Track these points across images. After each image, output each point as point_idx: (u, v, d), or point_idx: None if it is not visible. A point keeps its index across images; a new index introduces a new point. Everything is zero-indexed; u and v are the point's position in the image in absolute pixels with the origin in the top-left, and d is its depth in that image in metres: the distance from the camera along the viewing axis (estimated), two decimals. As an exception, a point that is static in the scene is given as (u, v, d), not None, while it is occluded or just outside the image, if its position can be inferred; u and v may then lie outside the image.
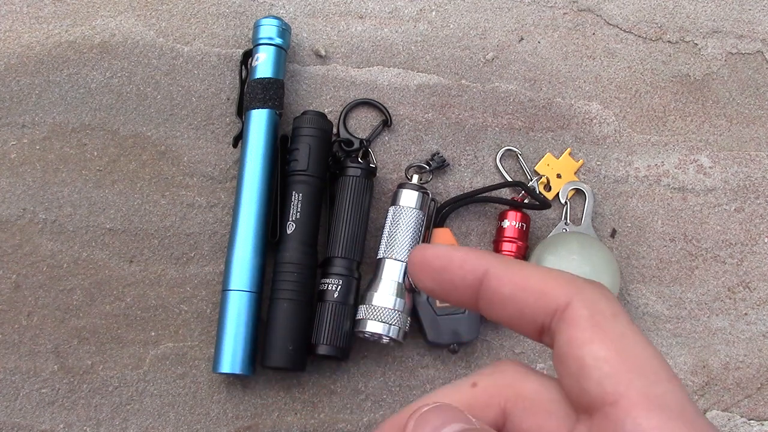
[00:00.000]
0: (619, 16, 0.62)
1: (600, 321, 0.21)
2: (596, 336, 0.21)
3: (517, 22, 0.62)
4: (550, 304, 0.22)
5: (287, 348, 0.53)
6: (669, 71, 0.62)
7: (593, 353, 0.21)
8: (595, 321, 0.21)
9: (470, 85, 0.61)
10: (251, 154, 0.56)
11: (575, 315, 0.22)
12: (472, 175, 0.59)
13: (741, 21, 0.63)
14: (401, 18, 0.61)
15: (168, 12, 0.60)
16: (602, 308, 0.22)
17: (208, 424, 0.55)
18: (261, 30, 0.57)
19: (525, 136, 0.60)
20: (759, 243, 0.60)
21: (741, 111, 0.62)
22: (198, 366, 0.56)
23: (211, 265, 0.57)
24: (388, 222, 0.55)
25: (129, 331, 0.56)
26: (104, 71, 0.59)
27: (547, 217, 0.59)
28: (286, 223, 0.55)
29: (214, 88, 0.59)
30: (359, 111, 0.60)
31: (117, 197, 0.57)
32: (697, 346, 0.58)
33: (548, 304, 0.22)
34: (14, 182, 0.57)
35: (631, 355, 0.21)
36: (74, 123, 0.58)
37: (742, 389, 0.58)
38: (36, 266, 0.56)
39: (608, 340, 0.21)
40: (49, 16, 0.60)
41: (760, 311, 0.59)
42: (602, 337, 0.21)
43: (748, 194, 0.60)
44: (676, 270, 0.59)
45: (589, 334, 0.21)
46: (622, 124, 0.61)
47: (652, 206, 0.60)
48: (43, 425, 0.54)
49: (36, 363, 0.55)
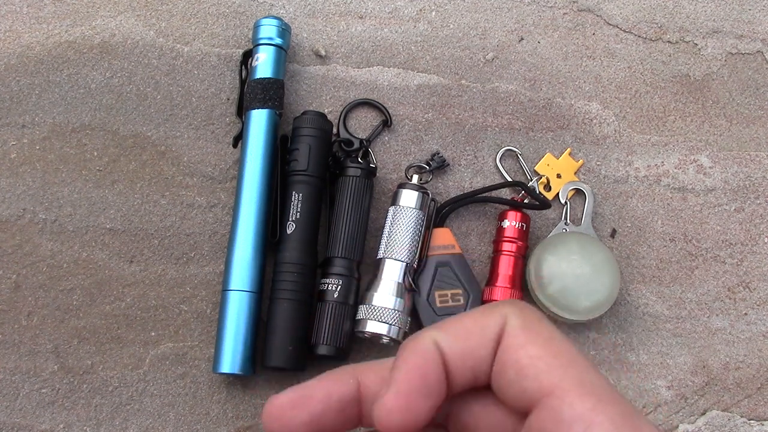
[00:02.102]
0: (619, 16, 0.62)
1: (529, 326, 0.24)
2: (529, 339, 0.23)
3: (517, 22, 0.62)
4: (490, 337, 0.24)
5: (287, 348, 0.53)
6: (669, 71, 0.62)
7: (529, 353, 0.23)
8: (526, 326, 0.24)
9: (470, 85, 0.61)
10: (251, 154, 0.56)
11: (510, 327, 0.24)
12: (472, 175, 0.59)
13: (741, 21, 0.63)
14: (401, 18, 0.61)
15: (168, 12, 0.60)
16: (530, 316, 0.24)
17: (208, 424, 0.55)
18: (261, 30, 0.57)
19: (525, 136, 0.60)
20: (759, 243, 0.60)
21: (741, 111, 0.62)
22: (198, 366, 0.56)
23: (211, 265, 0.57)
24: (388, 222, 0.55)
25: (129, 331, 0.56)
26: (104, 71, 0.59)
27: (547, 217, 0.59)
28: (286, 223, 0.55)
29: (214, 88, 0.59)
30: (359, 111, 0.60)
31: (117, 197, 0.57)
32: (697, 346, 0.58)
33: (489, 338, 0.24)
34: (14, 182, 0.57)
35: (560, 351, 0.23)
36: (74, 123, 0.58)
37: (742, 389, 0.58)
38: (36, 266, 0.56)
39: (540, 341, 0.23)
40: (49, 16, 0.60)
41: (760, 311, 0.59)
42: (534, 339, 0.23)
43: (748, 194, 0.60)
44: (676, 270, 0.59)
45: (523, 338, 0.23)
46: (622, 124, 0.61)
47: (652, 206, 0.60)
48: (43, 425, 0.54)
49: (36, 363, 0.55)
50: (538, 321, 0.24)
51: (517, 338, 0.23)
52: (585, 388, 0.22)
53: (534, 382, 0.22)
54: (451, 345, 0.24)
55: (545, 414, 0.22)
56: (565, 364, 0.23)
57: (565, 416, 0.21)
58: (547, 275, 0.55)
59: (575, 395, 0.22)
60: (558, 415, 0.22)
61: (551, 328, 0.24)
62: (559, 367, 0.22)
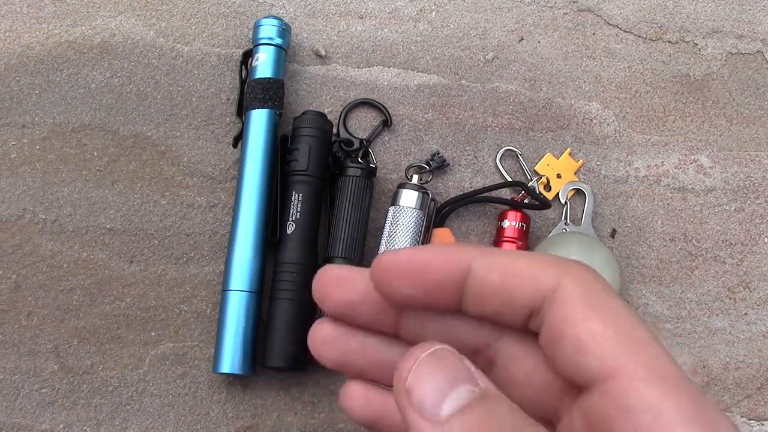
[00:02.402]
0: (619, 16, 0.62)
1: (592, 298, 0.22)
2: (591, 312, 0.21)
3: (517, 22, 0.62)
4: (540, 287, 0.22)
5: (287, 348, 0.53)
6: (669, 71, 0.62)
7: (590, 329, 0.21)
8: (588, 298, 0.22)
9: (470, 85, 0.61)
10: (251, 154, 0.56)
11: (568, 294, 0.22)
12: (472, 175, 0.59)
13: (741, 21, 0.63)
14: (401, 18, 0.61)
15: (168, 12, 0.60)
16: (592, 286, 0.22)
17: (208, 424, 0.55)
18: (261, 30, 0.57)
19: (525, 136, 0.60)
20: (759, 243, 0.60)
21: (741, 111, 0.62)
22: (198, 366, 0.56)
23: (211, 265, 0.57)
24: (388, 222, 0.55)
25: (129, 331, 0.56)
26: (104, 71, 0.59)
27: (547, 217, 0.59)
28: (286, 223, 0.55)
29: (214, 88, 0.59)
30: (359, 111, 0.60)
31: (117, 197, 0.57)
32: (697, 346, 0.58)
33: (539, 287, 0.22)
34: (14, 182, 0.57)
35: (625, 328, 0.21)
36: (74, 123, 0.58)
37: (742, 389, 0.58)
38: (36, 266, 0.56)
39: (603, 316, 0.21)
40: (49, 16, 0.60)
41: (760, 311, 0.59)
42: (597, 313, 0.21)
43: (748, 194, 0.60)
44: (676, 270, 0.59)
45: (583, 311, 0.21)
46: (622, 124, 0.61)
47: (652, 206, 0.60)
48: (43, 425, 0.54)
49: (36, 363, 0.55)
50: (603, 291, 0.22)
51: (577, 310, 0.21)
52: (654, 373, 0.20)
53: (596, 361, 0.21)
54: (486, 273, 0.23)
55: (608, 399, 0.20)
56: (632, 344, 0.21)
57: (631, 404, 0.19)
58: (547, 275, 0.55)
59: (643, 381, 0.20)
60: (623, 402, 0.20)
61: (617, 299, 0.22)
62: (626, 347, 0.20)
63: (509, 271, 0.23)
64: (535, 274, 0.22)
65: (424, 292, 0.24)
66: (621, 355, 0.20)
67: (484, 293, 0.23)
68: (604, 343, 0.21)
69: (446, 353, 0.22)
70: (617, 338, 0.21)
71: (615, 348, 0.21)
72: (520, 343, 0.24)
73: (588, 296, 0.22)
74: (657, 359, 0.20)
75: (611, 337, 0.21)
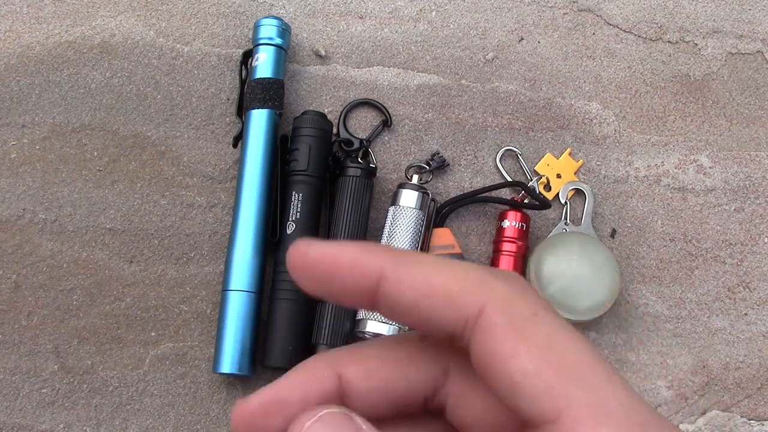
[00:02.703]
0: (619, 16, 0.62)
1: (520, 326, 0.19)
2: (520, 346, 0.19)
3: (517, 22, 0.62)
4: (460, 313, 0.20)
5: (287, 348, 0.53)
6: (669, 71, 0.62)
7: (521, 368, 0.19)
8: (515, 327, 0.19)
9: (470, 85, 0.61)
10: (251, 154, 0.56)
11: (492, 324, 0.19)
12: (472, 175, 0.59)
13: (741, 21, 0.63)
14: (401, 18, 0.61)
15: (168, 12, 0.60)
16: (520, 310, 0.19)
17: (208, 424, 0.55)
18: (261, 30, 0.57)
19: (525, 136, 0.60)
20: (759, 243, 0.60)
21: (741, 111, 0.62)
22: (198, 366, 0.56)
23: (211, 265, 0.57)
24: (388, 222, 0.55)
25: (129, 331, 0.56)
26: (104, 71, 0.59)
27: (547, 217, 0.59)
28: (286, 223, 0.55)
29: (214, 88, 0.59)
30: (359, 111, 0.60)
31: (117, 197, 0.57)
32: (697, 346, 0.58)
33: (458, 313, 0.20)
34: (14, 182, 0.57)
35: (564, 360, 0.19)
36: (74, 123, 0.58)
37: (742, 389, 0.58)
38: (36, 266, 0.56)
39: (534, 349, 0.19)
40: (49, 16, 0.60)
41: (760, 311, 0.59)
42: (527, 347, 0.19)
43: (748, 194, 0.60)
44: (676, 270, 0.59)
45: (512, 345, 0.19)
46: (622, 124, 0.61)
47: (652, 206, 0.60)
48: (43, 425, 0.54)
49: (36, 363, 0.55)
50: (531, 313, 0.19)
51: (506, 344, 0.19)
52: (599, 411, 0.18)
53: (532, 405, 0.18)
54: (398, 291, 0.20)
55: None
56: (570, 378, 0.18)
57: None
58: (547, 275, 0.55)
59: (588, 425, 0.18)
60: None
61: (548, 321, 0.19)
62: (564, 384, 0.18)
63: (423, 290, 0.20)
64: (453, 297, 0.20)
65: (332, 296, 0.22)
66: (561, 395, 0.18)
67: (397, 312, 0.20)
68: (538, 384, 0.18)
69: (335, 416, 0.20)
70: (554, 374, 0.18)
71: (552, 389, 0.18)
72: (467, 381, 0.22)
73: (516, 325, 0.19)
74: (600, 391, 0.18)
75: (546, 376, 0.18)
